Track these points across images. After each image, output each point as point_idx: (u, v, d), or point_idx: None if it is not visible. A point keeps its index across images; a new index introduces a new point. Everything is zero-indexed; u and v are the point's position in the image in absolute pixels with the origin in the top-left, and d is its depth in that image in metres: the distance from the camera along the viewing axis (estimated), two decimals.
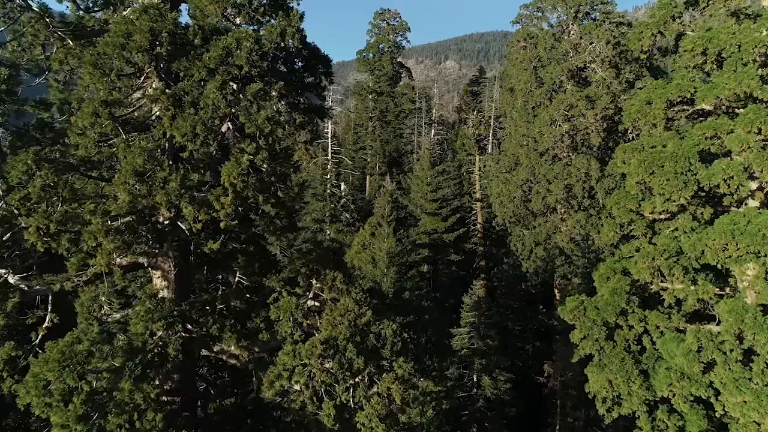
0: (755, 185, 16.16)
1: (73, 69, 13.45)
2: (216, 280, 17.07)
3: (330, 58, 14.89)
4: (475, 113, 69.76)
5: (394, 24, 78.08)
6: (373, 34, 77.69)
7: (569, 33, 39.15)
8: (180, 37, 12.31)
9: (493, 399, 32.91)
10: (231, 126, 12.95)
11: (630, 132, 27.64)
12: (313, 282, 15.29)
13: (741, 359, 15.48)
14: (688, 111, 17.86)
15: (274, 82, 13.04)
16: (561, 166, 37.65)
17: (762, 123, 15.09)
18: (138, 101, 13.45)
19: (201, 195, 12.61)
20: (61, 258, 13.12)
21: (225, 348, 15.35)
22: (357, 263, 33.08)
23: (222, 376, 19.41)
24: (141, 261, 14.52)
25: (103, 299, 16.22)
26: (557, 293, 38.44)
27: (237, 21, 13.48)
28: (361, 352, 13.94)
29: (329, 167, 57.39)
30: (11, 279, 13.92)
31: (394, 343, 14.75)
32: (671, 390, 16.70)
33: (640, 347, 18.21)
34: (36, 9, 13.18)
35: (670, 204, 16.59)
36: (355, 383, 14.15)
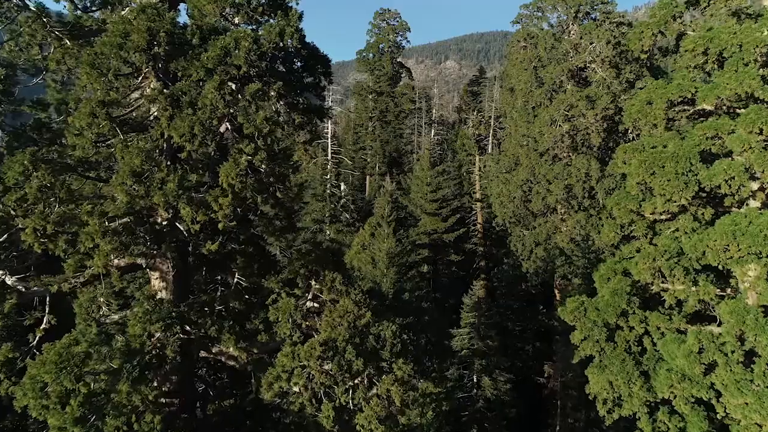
0: (756, 186, 16.09)
1: (71, 69, 13.39)
2: (215, 281, 16.99)
3: (329, 57, 14.82)
4: (475, 113, 69.67)
5: (394, 24, 78.03)
6: (373, 34, 77.66)
7: (569, 33, 39.08)
8: (178, 37, 12.23)
9: (493, 400, 32.85)
10: (229, 126, 12.87)
11: (630, 132, 27.62)
12: (313, 283, 15.22)
13: (742, 361, 15.43)
14: (688, 111, 17.79)
15: (272, 82, 12.97)
16: (561, 166, 37.59)
17: (763, 123, 15.02)
18: (136, 101, 13.38)
19: (199, 196, 12.54)
20: (59, 259, 13.04)
21: (224, 349, 15.28)
22: (357, 264, 33.01)
23: (221, 377, 19.34)
24: (139, 262, 14.46)
25: (102, 300, 16.15)
26: (557, 293, 38.37)
27: (235, 21, 13.41)
28: (361, 353, 13.87)
29: (329, 167, 57.31)
30: (8, 280, 13.85)
31: (393, 345, 14.67)
32: (672, 391, 16.64)
33: (640, 348, 18.15)
34: (33, 8, 13.11)
35: (670, 204, 16.52)
36: (355, 385, 14.07)
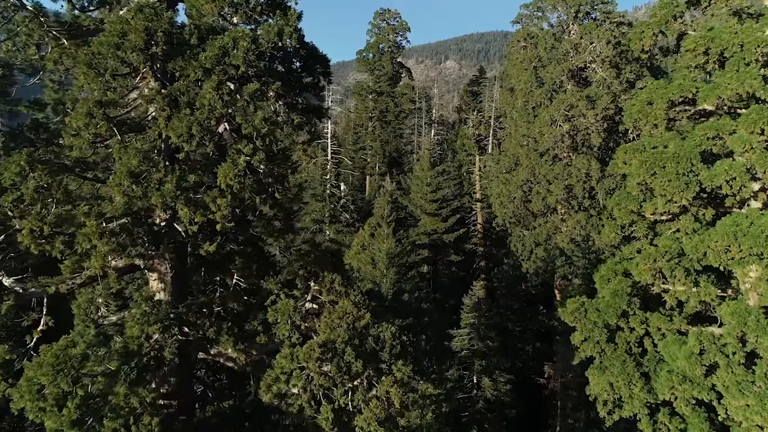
0: (758, 186, 16.01)
1: (68, 69, 13.31)
2: (213, 282, 16.92)
3: (328, 57, 14.76)
4: (475, 113, 69.58)
5: (394, 24, 77.94)
6: (373, 34, 77.57)
7: (569, 33, 39.00)
8: (176, 37, 12.15)
9: (493, 400, 32.77)
10: (228, 126, 12.79)
11: (631, 132, 27.55)
12: (312, 284, 15.16)
13: (743, 362, 15.34)
14: (689, 111, 17.71)
15: (271, 82, 12.90)
16: (561, 166, 37.51)
17: (765, 123, 14.93)
18: (134, 102, 13.30)
19: (197, 196, 12.46)
20: (58, 260, 12.97)
21: (222, 351, 15.21)
22: (356, 264, 32.93)
23: (220, 378, 19.28)
24: (137, 263, 14.39)
25: (100, 301, 16.09)
26: (557, 294, 38.28)
27: (234, 20, 13.33)
28: (360, 355, 13.81)
29: (329, 167, 57.22)
30: (6, 281, 13.78)
31: (393, 346, 14.60)
32: (673, 393, 16.57)
33: (641, 349, 18.08)
34: (30, 8, 13.03)
35: (671, 205, 16.44)
36: (354, 386, 14.00)
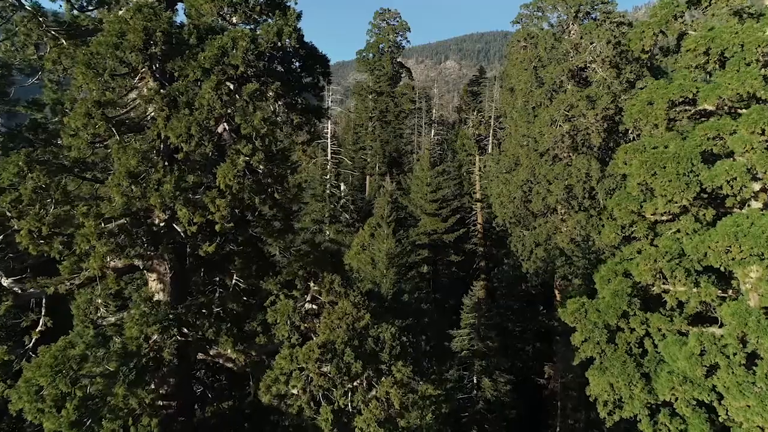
0: (758, 186, 15.96)
1: (67, 69, 13.27)
2: (213, 282, 16.89)
3: (328, 57, 14.73)
4: (475, 113, 69.53)
5: (394, 24, 77.89)
6: (373, 34, 77.52)
7: (570, 33, 38.96)
8: (175, 37, 12.12)
9: (494, 401, 32.73)
10: (227, 127, 12.76)
11: (631, 132, 27.52)
12: (311, 285, 15.12)
13: (744, 363, 15.29)
14: (690, 111, 17.67)
15: (270, 82, 12.87)
16: (561, 166, 37.47)
17: (765, 124, 14.88)
18: (133, 102, 13.26)
19: (196, 197, 12.43)
20: (56, 260, 12.92)
21: (221, 351, 15.17)
22: (356, 264, 32.88)
23: (219, 379, 19.25)
24: (136, 264, 14.35)
25: (99, 302, 16.07)
26: (558, 294, 38.24)
27: (233, 20, 13.30)
28: (360, 355, 13.78)
29: (329, 167, 57.19)
30: (5, 282, 13.74)
31: (392, 347, 14.58)
32: (673, 394, 16.52)
33: (641, 350, 18.03)
34: (29, 8, 13.00)
35: (672, 205, 16.39)
36: (354, 387, 13.97)
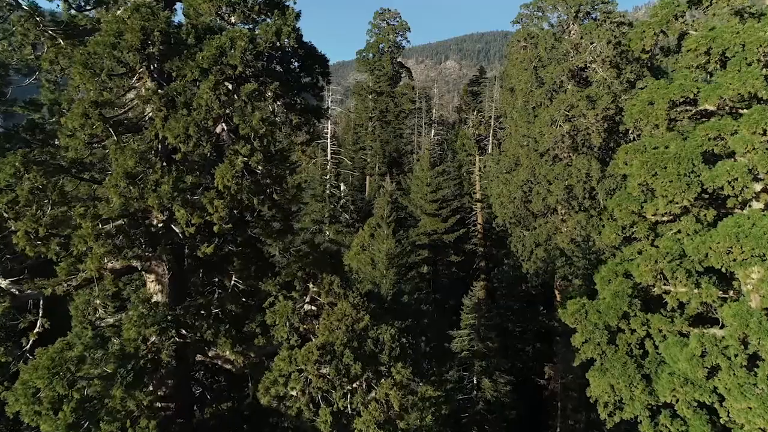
0: (760, 187, 15.89)
1: (64, 69, 13.19)
2: (212, 283, 16.81)
3: (327, 57, 14.66)
4: (475, 113, 69.44)
5: (394, 24, 77.79)
6: (373, 34, 77.43)
7: (570, 33, 38.89)
8: (173, 37, 12.05)
9: (494, 401, 32.66)
10: (225, 127, 12.68)
11: (631, 132, 27.42)
12: (310, 286, 15.05)
13: (746, 364, 15.22)
14: (691, 111, 17.59)
15: (269, 82, 12.80)
16: (561, 166, 37.39)
17: (767, 124, 14.81)
18: (131, 102, 13.19)
19: (194, 198, 12.35)
20: (54, 261, 12.84)
21: (220, 353, 15.10)
22: (356, 265, 32.80)
23: (218, 380, 19.17)
24: (134, 265, 14.29)
25: (98, 303, 16.01)
26: (558, 294, 38.16)
27: (231, 20, 13.23)
28: (359, 357, 13.70)
29: (328, 168, 57.14)
30: (2, 283, 13.68)
31: (392, 348, 14.50)
32: (674, 395, 16.44)
33: (642, 351, 17.96)
34: (26, 7, 12.92)
35: (672, 206, 16.31)
36: (353, 389, 13.90)
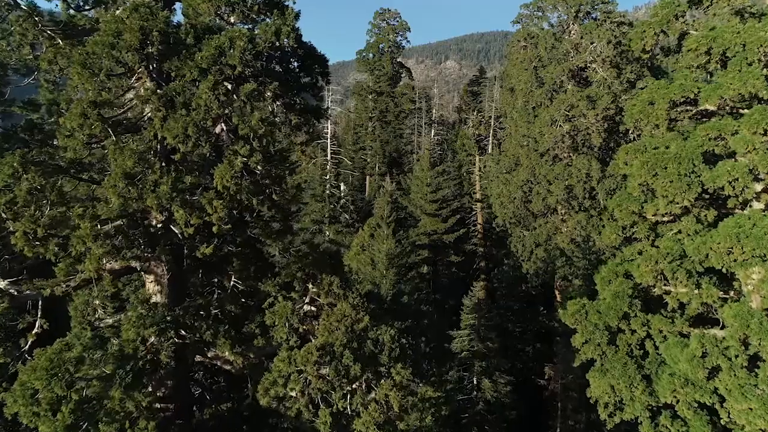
0: (760, 187, 15.86)
1: (63, 69, 13.15)
2: (211, 284, 16.77)
3: (326, 57, 14.63)
4: (475, 113, 69.39)
5: (394, 24, 77.75)
6: (373, 34, 77.38)
7: (570, 33, 38.85)
8: (172, 36, 12.01)
9: (494, 402, 32.61)
10: (224, 127, 12.64)
11: (632, 133, 27.37)
12: (310, 286, 15.01)
13: (746, 365, 15.19)
14: (691, 111, 17.55)
15: (268, 82, 12.77)
16: (562, 166, 37.35)
17: None
18: (129, 102, 13.15)
19: (193, 198, 12.31)
20: (53, 262, 12.81)
21: (219, 354, 15.06)
22: (356, 265, 32.76)
23: (217, 381, 19.13)
24: (133, 265, 14.24)
25: (97, 303, 15.97)
26: (558, 295, 38.12)
27: (231, 20, 13.20)
28: (358, 358, 13.67)
29: (328, 168, 57.11)
30: (1, 284, 13.64)
31: (392, 349, 14.46)
32: (675, 396, 16.40)
33: (642, 352, 17.92)
34: (24, 7, 12.88)
35: (673, 206, 16.28)
36: (352, 390, 13.86)
